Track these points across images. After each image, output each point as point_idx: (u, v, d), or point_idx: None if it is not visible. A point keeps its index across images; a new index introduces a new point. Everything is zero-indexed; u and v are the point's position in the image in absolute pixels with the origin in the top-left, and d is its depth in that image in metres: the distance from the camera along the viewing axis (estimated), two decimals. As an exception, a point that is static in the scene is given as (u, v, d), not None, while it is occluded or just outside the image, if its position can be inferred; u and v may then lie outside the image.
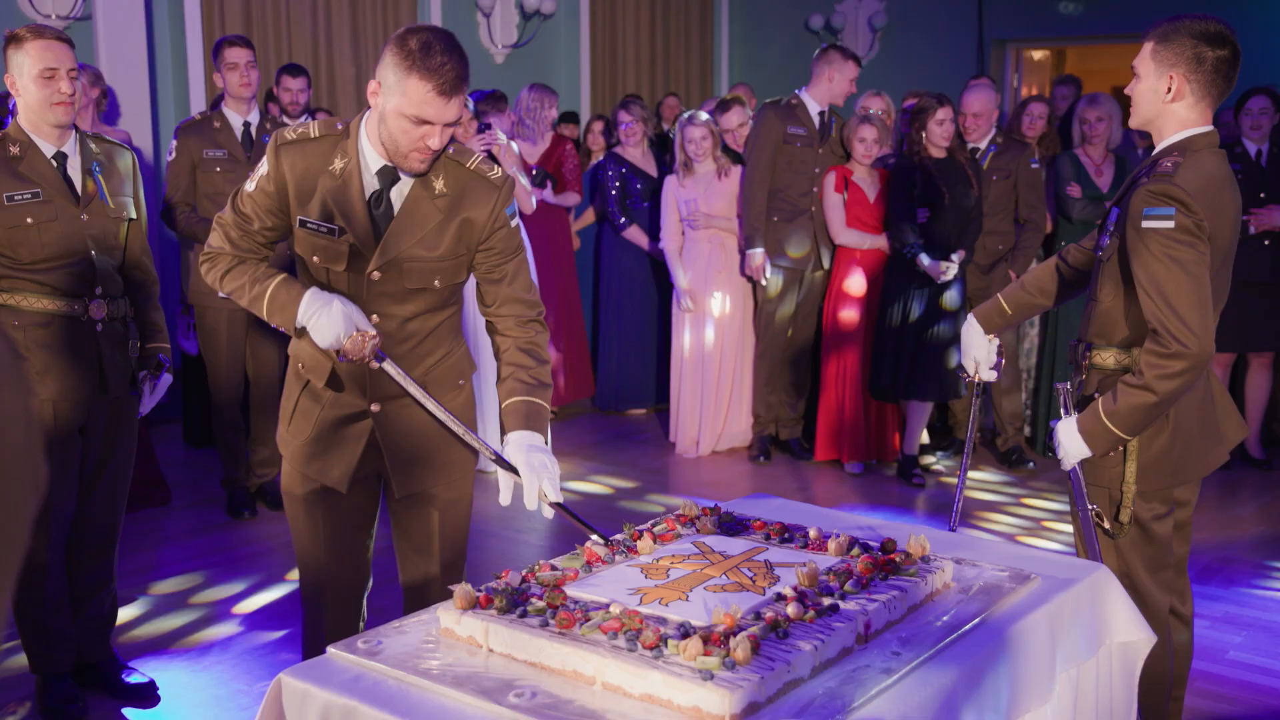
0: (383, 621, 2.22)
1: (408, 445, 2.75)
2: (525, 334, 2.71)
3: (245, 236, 2.64)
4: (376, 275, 2.60)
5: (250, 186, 2.62)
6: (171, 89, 7.59)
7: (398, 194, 2.61)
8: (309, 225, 2.58)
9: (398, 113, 2.45)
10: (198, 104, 7.59)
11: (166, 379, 3.68)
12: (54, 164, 3.40)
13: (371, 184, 2.59)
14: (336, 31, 8.23)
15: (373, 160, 2.58)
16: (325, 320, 2.51)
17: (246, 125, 5.30)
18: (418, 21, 8.71)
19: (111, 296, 3.48)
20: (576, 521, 2.65)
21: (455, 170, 2.63)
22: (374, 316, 2.62)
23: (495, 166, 2.69)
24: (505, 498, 2.62)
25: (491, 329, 2.76)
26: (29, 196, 3.33)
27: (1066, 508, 3.46)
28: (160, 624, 4.23)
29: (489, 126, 5.85)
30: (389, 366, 2.60)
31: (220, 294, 2.71)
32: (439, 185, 2.61)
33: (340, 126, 2.60)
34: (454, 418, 2.66)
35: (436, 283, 2.65)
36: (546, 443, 2.65)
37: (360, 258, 2.60)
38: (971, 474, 5.96)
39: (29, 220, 3.32)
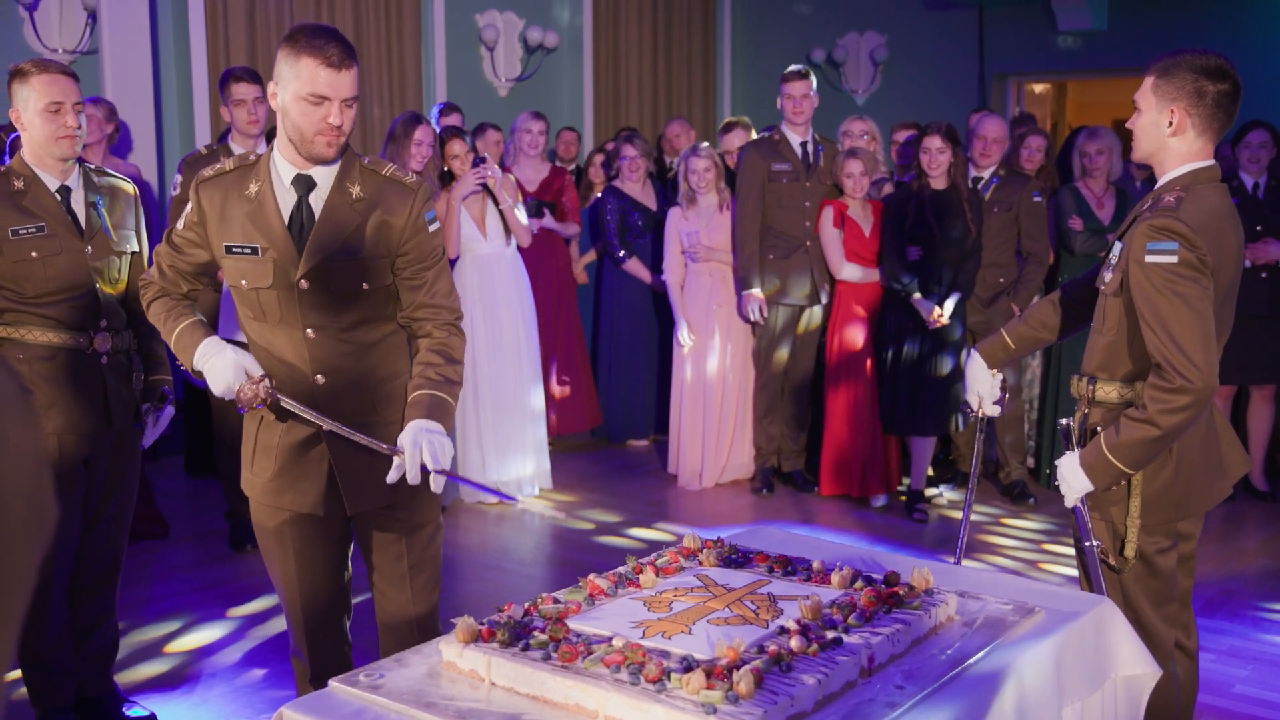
0: (362, 655, 2.23)
1: (357, 463, 2.76)
2: (440, 335, 2.75)
3: (173, 268, 2.80)
4: (305, 284, 2.65)
5: (180, 225, 2.76)
6: (177, 122, 7.63)
7: (316, 200, 2.67)
8: (234, 250, 2.67)
9: (296, 97, 2.56)
10: (203, 137, 7.63)
11: (169, 411, 3.68)
12: (58, 198, 3.41)
13: (287, 199, 2.66)
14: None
15: (286, 173, 2.67)
16: (217, 366, 2.65)
17: None
18: (422, 57, 8.79)
19: (116, 329, 3.49)
20: (469, 484, 2.71)
21: (372, 177, 2.71)
22: (310, 331, 2.67)
23: (411, 174, 2.77)
24: (392, 476, 2.60)
25: (410, 333, 2.80)
26: (33, 231, 3.34)
27: (1070, 541, 3.45)
28: (161, 657, 4.21)
29: (484, 160, 5.87)
30: (287, 402, 2.66)
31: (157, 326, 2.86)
32: (355, 191, 2.68)
33: (253, 158, 2.72)
34: (346, 428, 2.67)
35: (365, 285, 2.69)
36: (448, 433, 2.65)
37: (286, 271, 2.65)
38: (974, 507, 5.94)
39: (33, 254, 3.33)
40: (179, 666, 4.13)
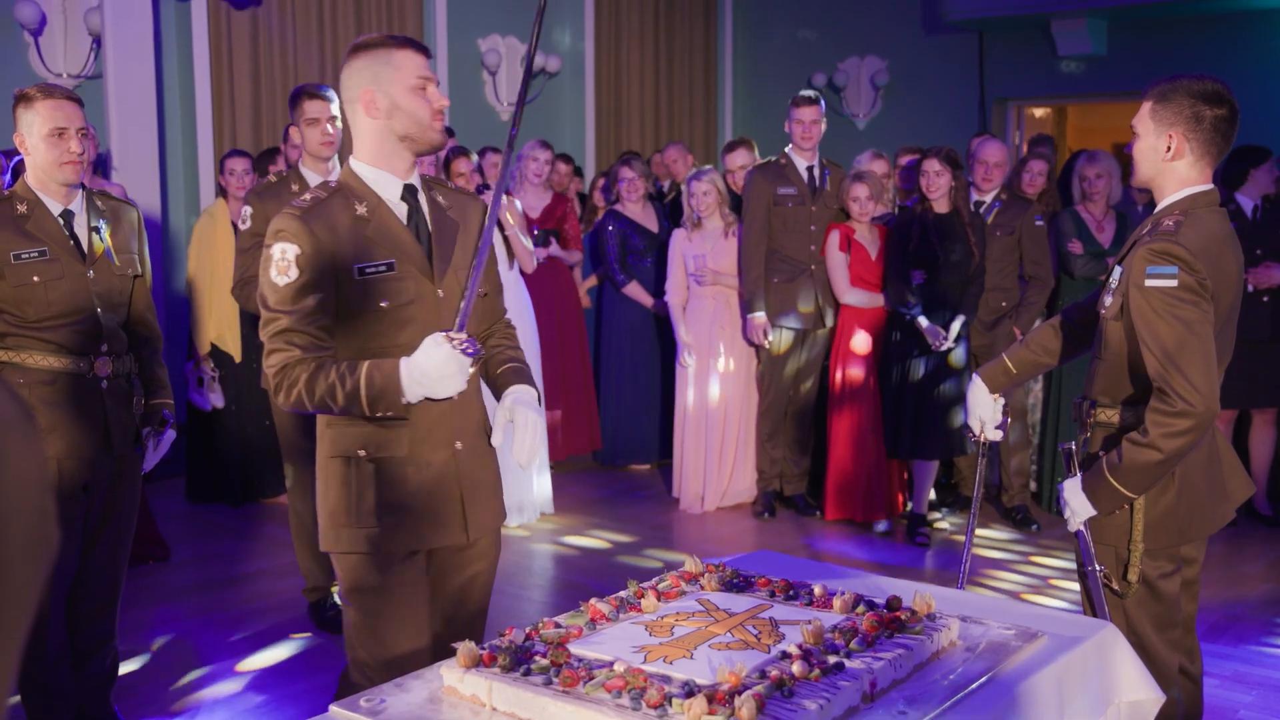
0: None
1: (478, 482, 2.69)
2: (500, 326, 2.83)
3: (314, 331, 2.47)
4: (442, 292, 2.60)
5: (283, 279, 2.46)
6: (180, 147, 7.67)
7: (422, 209, 2.65)
8: (369, 270, 2.51)
9: (406, 90, 2.54)
10: (206, 162, 7.66)
11: (170, 435, 3.67)
12: (61, 222, 3.41)
13: (400, 210, 2.60)
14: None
15: (390, 186, 2.59)
16: (432, 361, 2.41)
17: None
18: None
19: (117, 353, 3.49)
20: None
21: (442, 188, 2.74)
22: None
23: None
24: (498, 438, 2.63)
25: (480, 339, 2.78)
26: (36, 255, 3.34)
27: (1073, 565, 3.44)
28: (160, 681, 4.20)
29: (488, 187, 5.87)
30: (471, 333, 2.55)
31: (308, 410, 2.50)
32: (440, 199, 2.69)
33: (334, 184, 2.59)
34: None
35: (482, 290, 2.68)
36: (539, 400, 2.72)
37: (422, 282, 2.58)
38: (977, 531, 5.93)
39: (36, 278, 3.33)
40: (179, 690, 4.12)
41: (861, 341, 6.02)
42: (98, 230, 3.48)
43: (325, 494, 2.62)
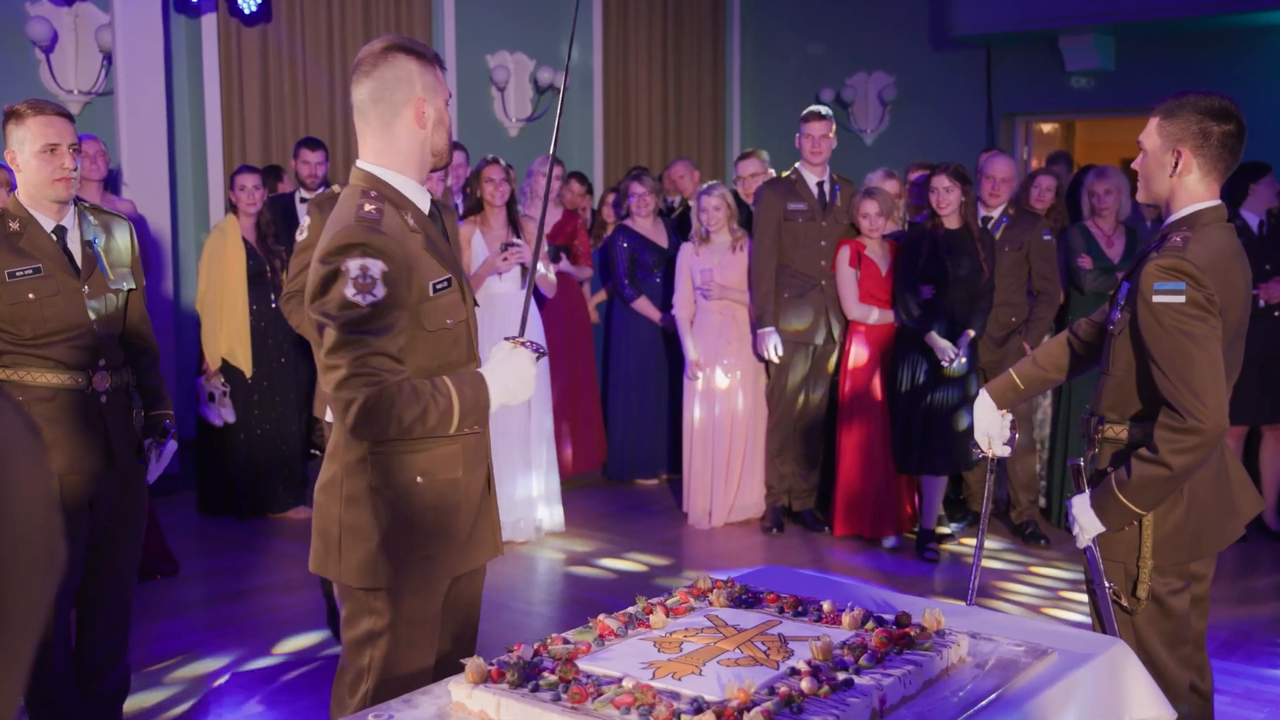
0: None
1: (494, 493, 2.67)
2: None
3: (390, 357, 2.29)
4: (473, 305, 2.56)
5: (366, 298, 2.25)
6: (190, 163, 7.70)
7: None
8: (439, 286, 2.40)
9: (444, 104, 2.50)
10: (216, 178, 7.69)
11: (171, 445, 3.64)
12: (54, 238, 3.38)
13: (427, 220, 2.51)
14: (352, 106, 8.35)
15: (420, 197, 2.50)
16: (513, 367, 2.40)
17: None
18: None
19: (114, 367, 3.47)
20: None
21: None
22: (474, 365, 2.53)
23: None
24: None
25: None
26: (30, 272, 3.32)
27: (1082, 579, 3.43)
28: (170, 697, 4.20)
29: (516, 244, 5.82)
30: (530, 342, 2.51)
31: (385, 439, 2.35)
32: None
33: (373, 194, 2.40)
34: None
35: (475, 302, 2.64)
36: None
37: (467, 296, 2.51)
38: (986, 544, 5.91)
39: (31, 296, 3.30)
40: (187, 706, 4.11)
41: (865, 356, 6.02)
42: (92, 245, 3.45)
43: (371, 527, 2.42)
